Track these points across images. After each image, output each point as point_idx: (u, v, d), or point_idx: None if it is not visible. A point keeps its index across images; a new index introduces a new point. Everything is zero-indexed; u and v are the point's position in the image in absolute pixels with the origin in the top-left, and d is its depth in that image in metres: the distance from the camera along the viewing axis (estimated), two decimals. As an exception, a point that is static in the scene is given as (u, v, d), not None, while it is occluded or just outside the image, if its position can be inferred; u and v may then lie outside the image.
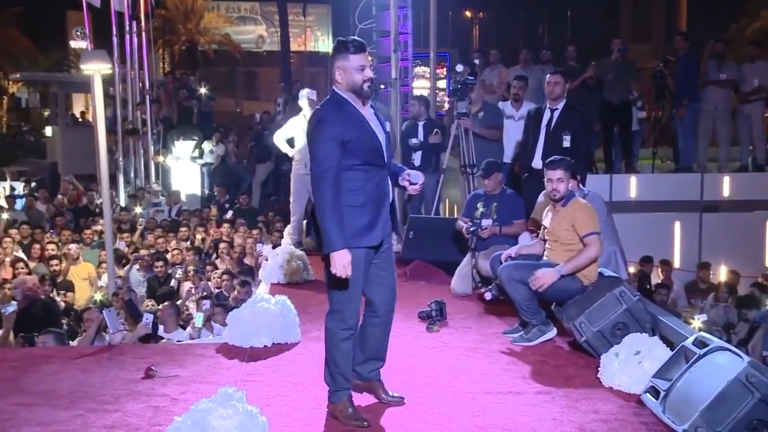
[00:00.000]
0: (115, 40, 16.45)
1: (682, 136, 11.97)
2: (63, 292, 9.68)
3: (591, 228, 5.76)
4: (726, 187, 11.51)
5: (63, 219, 12.95)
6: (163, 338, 7.36)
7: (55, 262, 10.19)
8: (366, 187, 4.25)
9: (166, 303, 8.15)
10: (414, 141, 9.50)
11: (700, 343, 4.48)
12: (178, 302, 8.64)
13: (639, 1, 36.79)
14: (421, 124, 9.61)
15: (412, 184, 4.44)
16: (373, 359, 4.68)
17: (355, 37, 4.33)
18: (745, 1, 25.64)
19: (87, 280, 10.25)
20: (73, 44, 30.76)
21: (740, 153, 12.41)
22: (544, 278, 5.70)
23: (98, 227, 12.06)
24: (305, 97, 9.26)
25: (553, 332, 5.97)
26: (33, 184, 17.23)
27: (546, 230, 6.06)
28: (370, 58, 12.29)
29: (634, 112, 12.06)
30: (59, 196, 15.00)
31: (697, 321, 6.07)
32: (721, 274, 10.63)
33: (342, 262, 4.12)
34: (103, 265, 10.08)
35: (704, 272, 10.28)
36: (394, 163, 4.62)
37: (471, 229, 7.43)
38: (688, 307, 8.88)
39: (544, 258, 6.03)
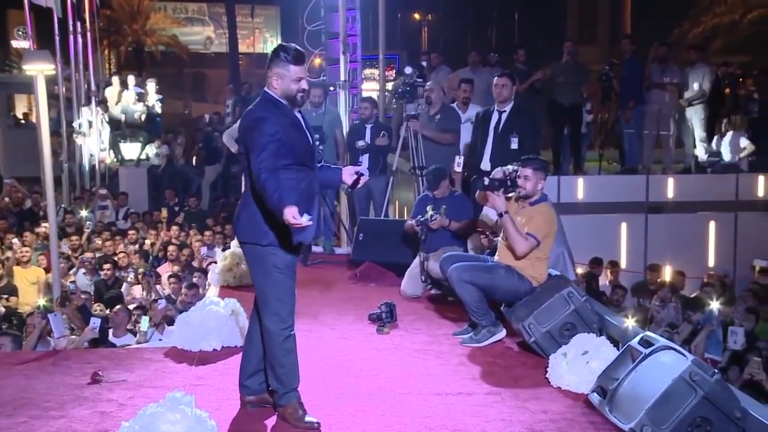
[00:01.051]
0: (57, 39, 16.15)
1: (628, 138, 12.16)
2: (6, 296, 9.48)
3: (536, 232, 5.79)
4: (670, 188, 11.71)
5: (6, 222, 12.69)
6: (114, 344, 7.26)
7: (-1, 266, 9.97)
8: (298, 186, 4.31)
9: (118, 307, 8.03)
10: (361, 143, 9.47)
11: (646, 343, 4.55)
12: (131, 306, 8.52)
13: (585, 4, 37.28)
14: (368, 126, 9.60)
15: (360, 174, 4.56)
16: (261, 371, 4.59)
17: (297, 47, 4.38)
18: (688, 7, 26.13)
19: (35, 285, 10.04)
20: (15, 44, 30.13)
21: (684, 155, 12.66)
22: (493, 201, 5.84)
23: (41, 230, 11.84)
24: None
25: (502, 333, 6.01)
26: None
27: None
28: (322, 59, 12.34)
29: (584, 115, 12.21)
30: (6, 199, 14.70)
31: (631, 320, 6.16)
32: (666, 274, 10.80)
33: (290, 214, 4.02)
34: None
35: (653, 274, 10.39)
36: (327, 164, 4.69)
37: (421, 220, 7.44)
38: (636, 307, 8.99)
39: (495, 258, 6.07)
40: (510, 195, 5.91)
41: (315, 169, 4.47)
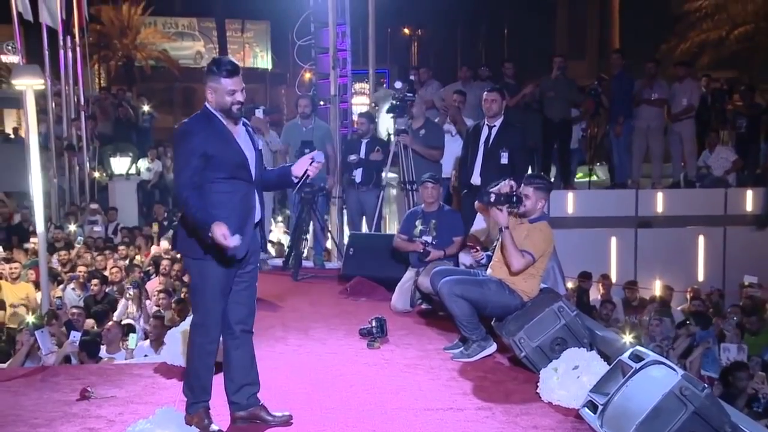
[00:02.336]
0: (46, 53, 16.14)
1: (617, 152, 12.23)
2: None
3: (533, 249, 5.79)
4: (659, 203, 11.76)
5: (-6, 238, 12.62)
6: (102, 358, 7.22)
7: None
8: (232, 200, 4.31)
9: (111, 323, 7.99)
10: (352, 158, 9.49)
11: (636, 357, 4.55)
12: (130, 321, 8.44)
13: (574, 20, 37.51)
14: (364, 141, 9.62)
15: (315, 162, 4.48)
16: (246, 385, 4.60)
17: (231, 60, 4.37)
18: (675, 23, 26.32)
19: (25, 300, 9.94)
20: (4, 58, 30.12)
21: (672, 170, 12.71)
22: (495, 216, 5.80)
23: (29, 245, 11.78)
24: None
25: (492, 348, 6.01)
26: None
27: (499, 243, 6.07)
28: (312, 74, 12.32)
29: (575, 131, 12.25)
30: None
31: (628, 336, 6.17)
32: (656, 288, 10.82)
33: (220, 232, 4.07)
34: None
35: (631, 292, 10.37)
36: (271, 169, 4.66)
37: (420, 251, 7.43)
38: (624, 323, 9.00)
39: (488, 272, 6.07)
40: (512, 211, 5.89)
41: (253, 182, 4.41)
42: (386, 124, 9.64)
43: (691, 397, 4.12)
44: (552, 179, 12.06)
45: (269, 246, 11.14)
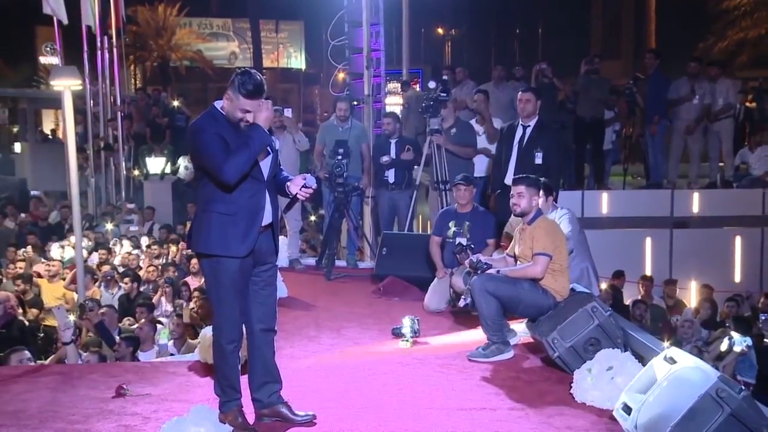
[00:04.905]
0: (85, 55, 16.36)
1: (653, 152, 12.09)
2: (35, 311, 9.52)
3: (543, 248, 5.82)
4: (696, 203, 11.61)
5: (34, 237, 12.78)
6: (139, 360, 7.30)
7: (20, 281, 9.97)
8: (240, 197, 4.28)
9: (142, 321, 8.07)
10: (385, 159, 9.50)
11: (671, 359, 4.50)
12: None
13: (609, 19, 37.23)
14: (393, 141, 9.61)
15: (305, 187, 4.41)
16: (268, 383, 4.61)
17: (258, 80, 4.24)
18: (712, 21, 25.99)
19: (61, 300, 10.07)
20: (43, 60, 30.58)
21: (709, 170, 12.56)
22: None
23: (65, 242, 11.92)
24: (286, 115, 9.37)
25: (510, 354, 5.99)
26: (0, 201, 17.05)
27: (518, 257, 6.11)
28: (346, 74, 12.35)
29: (608, 132, 12.13)
30: (23, 215, 14.80)
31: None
32: (692, 289, 10.69)
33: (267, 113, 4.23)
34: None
35: (670, 288, 10.29)
36: (285, 174, 4.57)
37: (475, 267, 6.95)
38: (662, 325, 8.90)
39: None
40: (489, 270, 5.99)
41: (264, 181, 4.37)
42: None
43: (728, 399, 4.06)
44: (585, 179, 12.04)
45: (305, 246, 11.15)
